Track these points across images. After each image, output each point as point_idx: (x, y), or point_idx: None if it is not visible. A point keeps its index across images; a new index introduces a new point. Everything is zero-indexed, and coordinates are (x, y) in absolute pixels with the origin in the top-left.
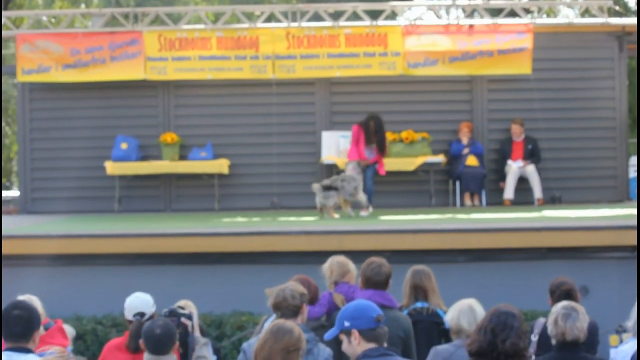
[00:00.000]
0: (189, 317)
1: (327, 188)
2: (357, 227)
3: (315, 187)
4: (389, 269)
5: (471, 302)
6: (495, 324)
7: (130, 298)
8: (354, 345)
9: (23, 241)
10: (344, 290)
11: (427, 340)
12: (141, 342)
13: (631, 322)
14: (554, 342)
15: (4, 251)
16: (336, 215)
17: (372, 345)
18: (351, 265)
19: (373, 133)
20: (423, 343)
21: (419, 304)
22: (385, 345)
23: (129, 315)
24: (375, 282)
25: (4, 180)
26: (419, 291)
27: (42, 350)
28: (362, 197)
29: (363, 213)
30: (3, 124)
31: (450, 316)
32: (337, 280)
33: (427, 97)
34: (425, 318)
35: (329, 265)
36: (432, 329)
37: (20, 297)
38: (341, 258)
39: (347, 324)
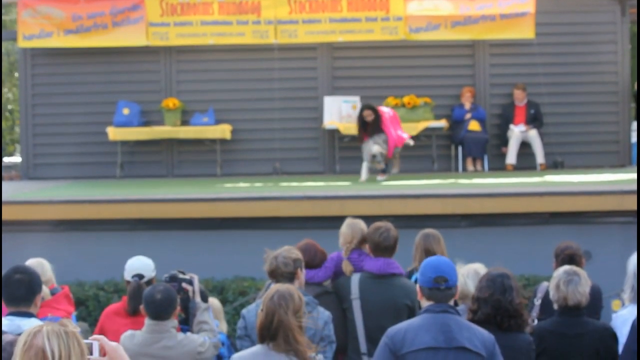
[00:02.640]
0: (190, 282)
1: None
2: (359, 192)
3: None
4: (396, 232)
5: (477, 266)
6: (493, 289)
7: (131, 259)
8: (420, 299)
9: (25, 207)
10: (354, 258)
11: None
12: (142, 307)
13: (627, 291)
14: (556, 306)
15: (5, 217)
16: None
17: (431, 302)
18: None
19: (370, 123)
20: None
21: None
22: (448, 303)
23: (127, 276)
24: (385, 247)
25: (11, 147)
26: (428, 255)
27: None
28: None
29: (380, 177)
30: (6, 89)
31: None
32: (356, 247)
33: (429, 62)
34: None
35: (351, 232)
36: None
37: (31, 260)
38: (362, 224)
39: (417, 277)
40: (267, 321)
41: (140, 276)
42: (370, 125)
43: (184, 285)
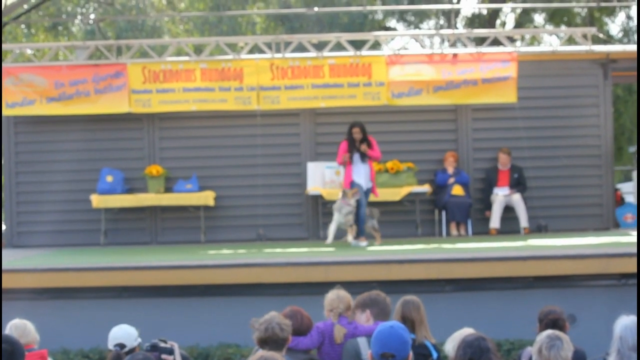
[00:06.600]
0: (170, 351)
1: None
2: (343, 258)
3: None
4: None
5: (469, 332)
6: (471, 354)
7: (114, 328)
8: None
9: (9, 275)
10: (343, 324)
11: None
12: None
13: (613, 354)
14: None
15: None
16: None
17: None
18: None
19: (358, 140)
20: None
21: None
22: None
23: (110, 344)
24: (387, 314)
25: None
26: (406, 322)
27: None
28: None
29: (361, 243)
30: None
31: (450, 347)
32: (342, 313)
33: (412, 127)
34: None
35: (337, 298)
36: None
37: (15, 321)
38: (347, 293)
39: None
40: None
41: (122, 345)
42: (359, 142)
43: (164, 357)
